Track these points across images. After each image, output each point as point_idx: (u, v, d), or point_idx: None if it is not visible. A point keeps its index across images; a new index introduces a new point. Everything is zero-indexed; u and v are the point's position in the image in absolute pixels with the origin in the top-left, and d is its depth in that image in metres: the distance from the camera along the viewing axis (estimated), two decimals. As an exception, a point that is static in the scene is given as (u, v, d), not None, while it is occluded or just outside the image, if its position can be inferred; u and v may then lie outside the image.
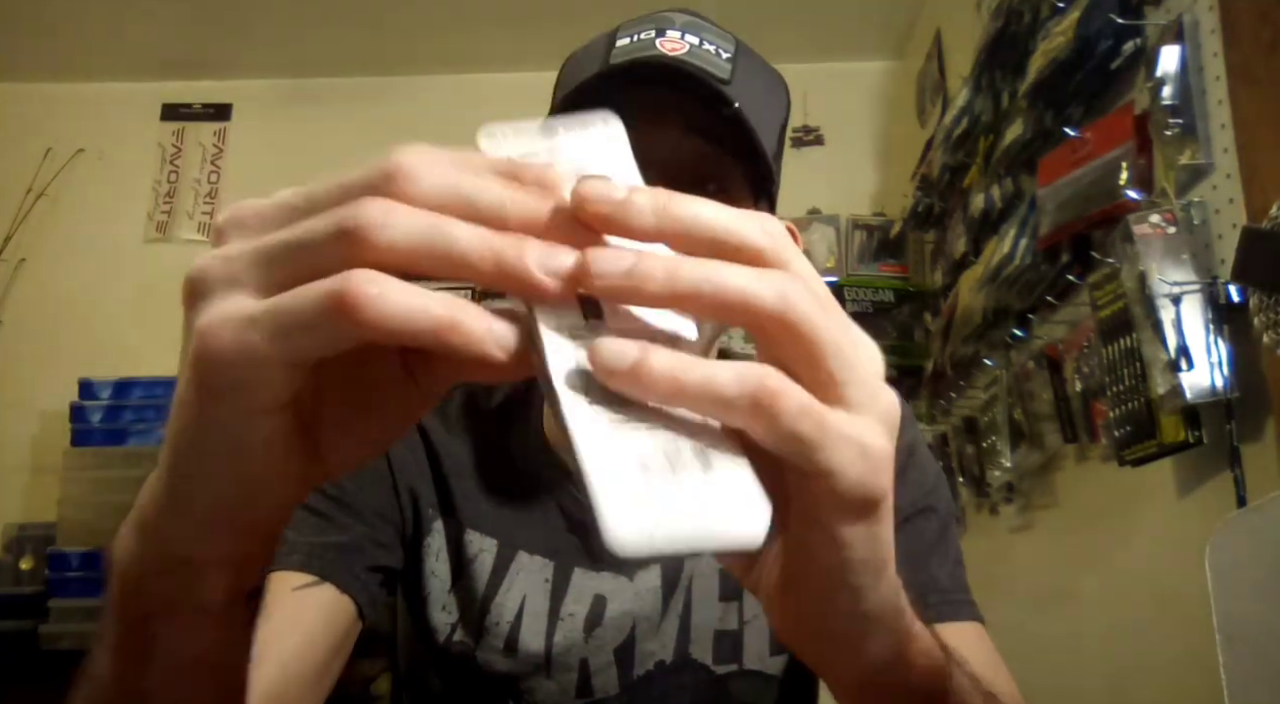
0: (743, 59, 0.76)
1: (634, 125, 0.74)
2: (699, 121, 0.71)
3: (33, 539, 2.76)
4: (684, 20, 0.77)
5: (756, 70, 0.78)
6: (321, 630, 0.73)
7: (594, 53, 0.77)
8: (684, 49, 0.74)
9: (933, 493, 0.80)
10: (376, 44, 3.22)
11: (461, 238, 0.29)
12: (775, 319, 0.31)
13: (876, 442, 0.33)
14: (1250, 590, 1.03)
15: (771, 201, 0.80)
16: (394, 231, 0.29)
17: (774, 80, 0.81)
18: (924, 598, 0.74)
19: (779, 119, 0.80)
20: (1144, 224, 1.37)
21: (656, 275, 0.31)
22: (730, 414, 0.30)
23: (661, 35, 0.75)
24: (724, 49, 0.75)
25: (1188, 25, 1.39)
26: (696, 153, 0.73)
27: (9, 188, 3.12)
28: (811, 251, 3.05)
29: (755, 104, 0.75)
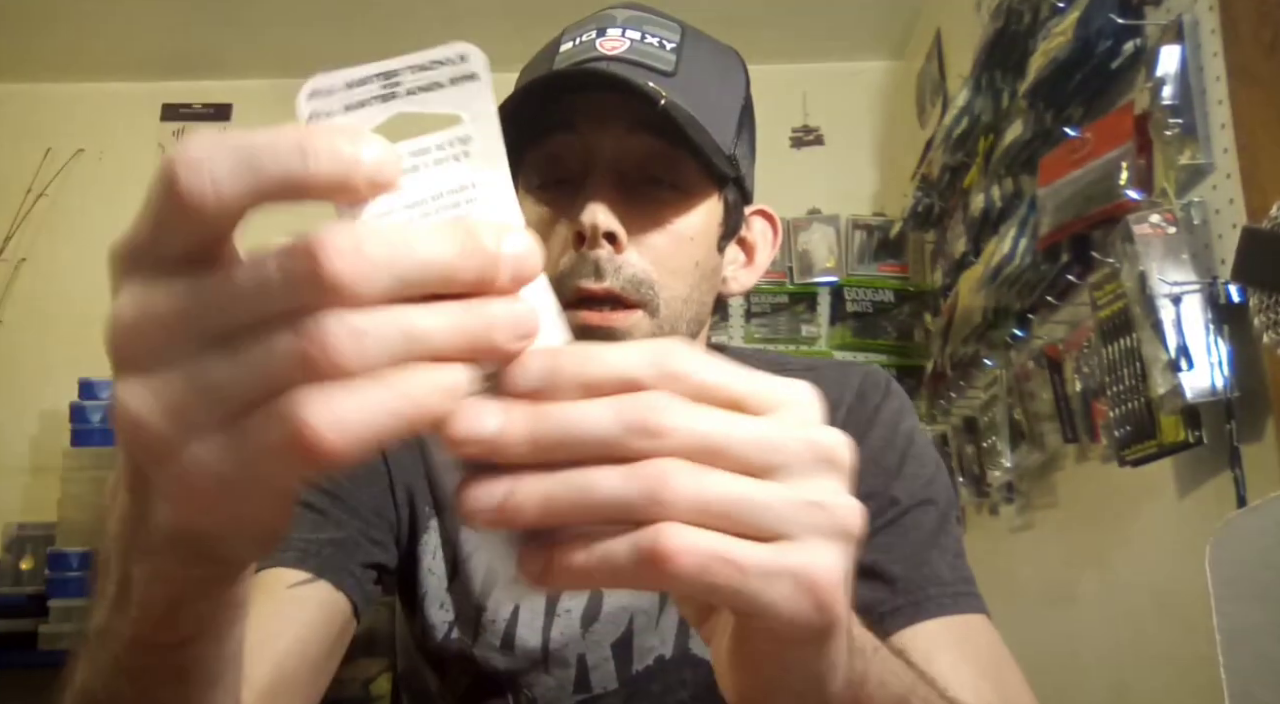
0: (689, 46, 0.75)
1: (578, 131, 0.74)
2: (641, 119, 0.71)
3: (33, 539, 2.76)
4: (626, 16, 0.76)
5: (705, 54, 0.77)
6: (316, 629, 0.73)
7: (541, 60, 0.77)
8: (624, 46, 0.73)
9: (931, 484, 0.80)
10: (376, 44, 3.19)
11: (432, 332, 0.28)
12: (658, 515, 0.30)
13: (820, 567, 0.31)
14: (1250, 590, 1.03)
15: (741, 186, 0.79)
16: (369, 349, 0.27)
17: (727, 61, 0.80)
18: (925, 591, 0.74)
19: (736, 100, 0.78)
20: (1144, 224, 1.37)
21: (528, 508, 0.30)
22: (633, 583, 0.30)
23: (602, 35, 0.74)
24: (667, 40, 0.75)
25: (1188, 25, 1.39)
26: (643, 150, 0.72)
27: (9, 188, 3.12)
28: (811, 252, 3.05)
29: (704, 89, 0.74)
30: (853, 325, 2.93)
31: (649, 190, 0.74)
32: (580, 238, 0.71)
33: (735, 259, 0.83)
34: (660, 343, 0.31)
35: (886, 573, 0.75)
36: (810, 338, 2.97)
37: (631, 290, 0.72)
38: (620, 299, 0.72)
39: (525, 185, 0.77)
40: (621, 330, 0.72)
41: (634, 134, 0.72)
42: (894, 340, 2.90)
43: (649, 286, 0.72)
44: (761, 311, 3.00)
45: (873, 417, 0.82)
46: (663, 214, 0.73)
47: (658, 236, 0.73)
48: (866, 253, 3.04)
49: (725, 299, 0.83)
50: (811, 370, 0.86)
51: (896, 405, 0.83)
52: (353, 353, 0.27)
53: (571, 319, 0.72)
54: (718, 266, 0.79)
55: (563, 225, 0.73)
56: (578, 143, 0.73)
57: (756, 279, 0.84)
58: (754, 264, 0.84)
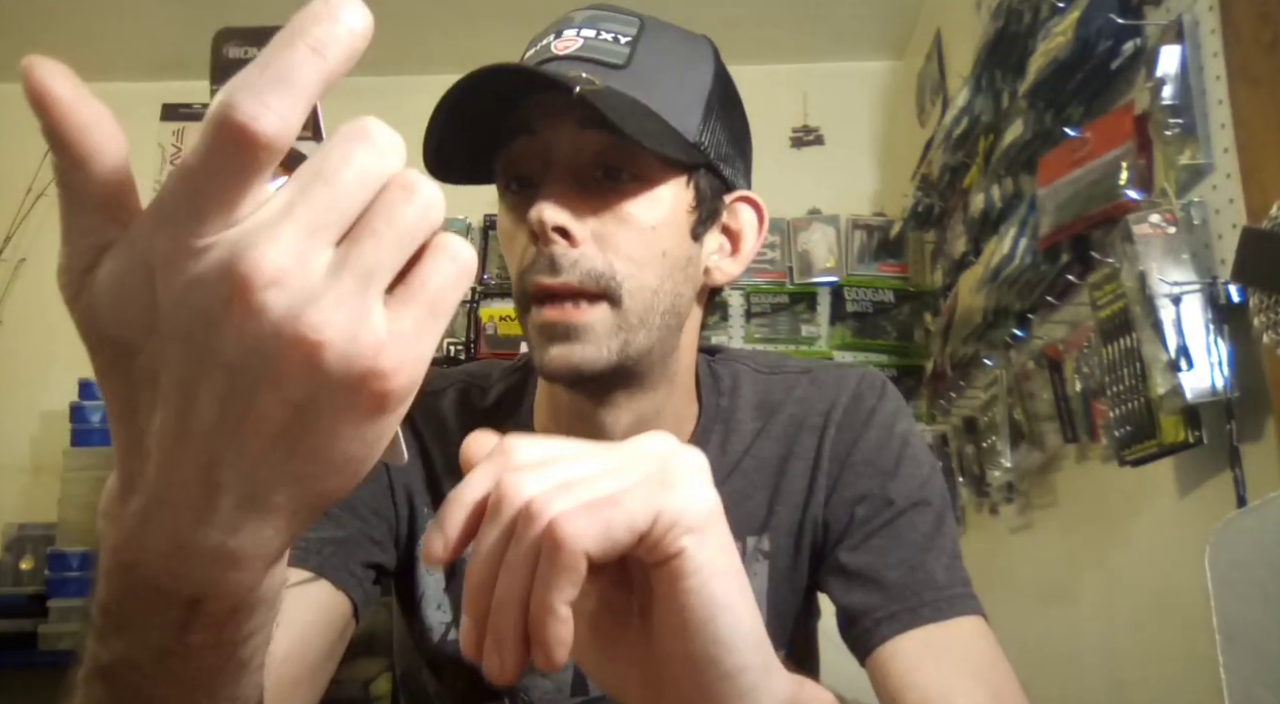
0: (648, 37, 0.75)
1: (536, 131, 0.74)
2: (588, 114, 0.70)
3: (33, 539, 2.76)
4: (584, 15, 0.77)
5: (666, 45, 0.76)
6: (316, 628, 0.72)
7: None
8: (576, 45, 0.74)
9: (926, 485, 0.80)
10: (376, 44, 3.16)
11: None
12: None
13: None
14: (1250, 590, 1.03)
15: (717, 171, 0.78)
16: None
17: (692, 50, 0.79)
18: (919, 597, 0.74)
19: (702, 86, 0.77)
20: (1144, 224, 1.37)
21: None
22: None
23: (559, 37, 0.75)
24: (623, 34, 0.75)
25: (1188, 25, 1.39)
26: (597, 145, 0.72)
27: (9, 188, 3.12)
28: (811, 252, 3.05)
29: (659, 79, 0.74)
30: (853, 325, 2.93)
31: (606, 183, 0.73)
32: (534, 235, 0.71)
33: (719, 248, 0.81)
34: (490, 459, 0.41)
35: (881, 579, 0.75)
36: (810, 338, 2.97)
37: (590, 283, 0.71)
38: (580, 292, 0.71)
39: (499, 190, 0.78)
40: (581, 326, 0.71)
41: (585, 129, 0.72)
42: (894, 340, 2.90)
43: (609, 278, 0.72)
44: (761, 312, 3.00)
45: (868, 418, 0.82)
46: (619, 205, 0.73)
47: (615, 227, 0.73)
48: (866, 253, 3.04)
49: (710, 289, 0.82)
50: (807, 372, 0.86)
51: (892, 407, 0.83)
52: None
53: (533, 317, 0.73)
54: (694, 256, 0.78)
55: (523, 225, 0.73)
56: (538, 143, 0.74)
57: (743, 268, 0.83)
58: (739, 253, 0.82)
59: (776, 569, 0.81)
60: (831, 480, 0.81)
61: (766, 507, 0.81)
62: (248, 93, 0.30)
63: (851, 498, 0.79)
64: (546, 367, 0.72)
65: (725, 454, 0.82)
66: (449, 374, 0.88)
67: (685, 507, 0.39)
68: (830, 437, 0.81)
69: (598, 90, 0.69)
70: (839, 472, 0.81)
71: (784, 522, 0.81)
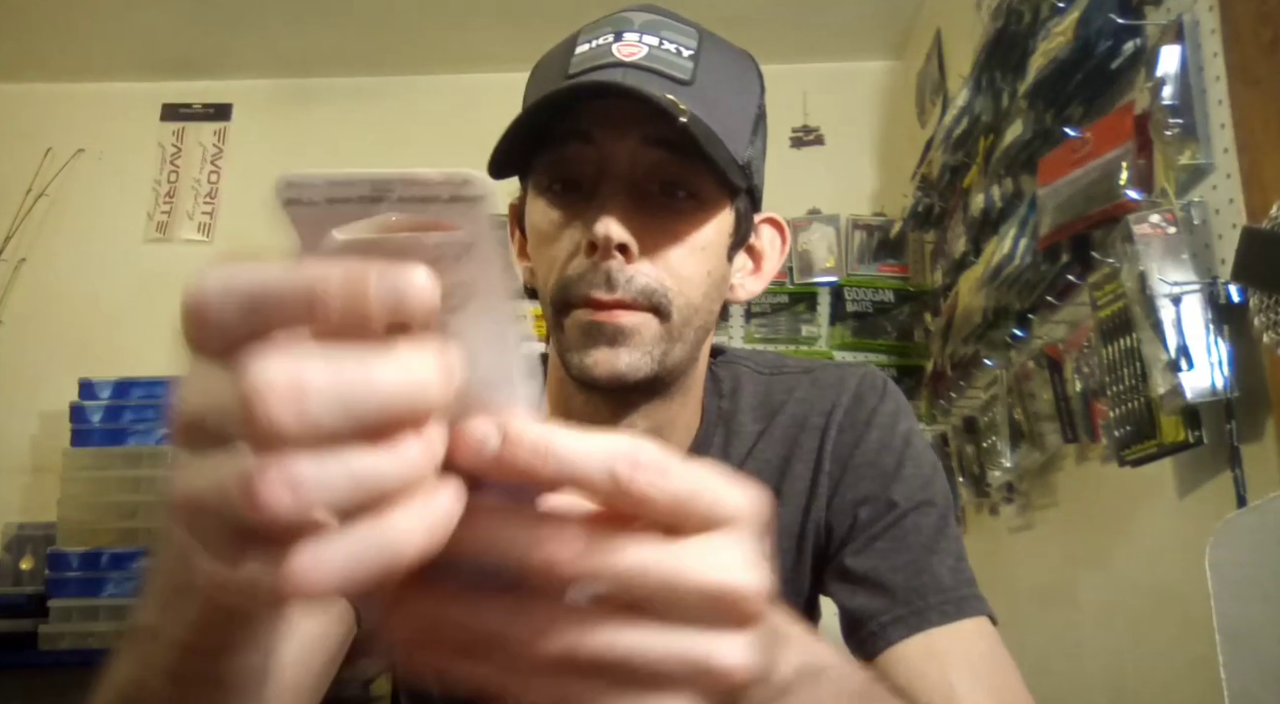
0: (706, 52, 0.74)
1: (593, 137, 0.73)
2: (657, 131, 0.70)
3: (33, 539, 2.76)
4: (643, 20, 0.75)
5: (722, 61, 0.76)
6: (316, 638, 0.72)
7: (555, 61, 0.76)
8: (641, 53, 0.72)
9: (929, 485, 0.79)
10: (376, 44, 3.21)
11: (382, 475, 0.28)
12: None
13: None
14: (1250, 590, 1.03)
15: (753, 194, 0.79)
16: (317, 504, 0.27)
17: (743, 66, 0.79)
18: (925, 600, 0.73)
19: (751, 106, 0.77)
20: (1144, 224, 1.37)
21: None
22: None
23: (619, 39, 0.73)
24: (685, 46, 0.74)
25: (1188, 25, 1.39)
26: (659, 161, 0.72)
27: (9, 188, 3.12)
28: (811, 252, 3.05)
29: (720, 98, 0.73)
30: (853, 325, 2.93)
31: (663, 200, 0.73)
32: (592, 247, 0.70)
33: (743, 267, 0.82)
34: (620, 445, 0.31)
35: (886, 582, 0.75)
36: (810, 338, 2.97)
37: (643, 300, 0.71)
38: (631, 307, 0.71)
39: (535, 186, 0.76)
40: (630, 329, 0.71)
41: (650, 146, 0.71)
42: (894, 340, 2.90)
43: (661, 294, 0.72)
44: (761, 312, 3.00)
45: (870, 418, 0.82)
46: (676, 225, 0.73)
47: (671, 247, 0.73)
48: (866, 253, 3.04)
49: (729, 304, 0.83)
50: (808, 372, 0.86)
51: (893, 407, 0.83)
52: (290, 504, 0.26)
53: (578, 316, 0.72)
54: (727, 274, 0.79)
55: (574, 231, 0.73)
56: (593, 152, 0.72)
57: (763, 287, 0.84)
58: (761, 272, 0.83)
59: (778, 572, 0.81)
60: (833, 482, 0.80)
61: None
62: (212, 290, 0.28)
63: (854, 500, 0.79)
64: (589, 369, 0.71)
65: (727, 458, 0.82)
66: None
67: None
68: (832, 438, 0.81)
69: (690, 116, 0.68)
70: (841, 473, 0.80)
71: (786, 524, 0.81)
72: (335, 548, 0.27)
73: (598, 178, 0.73)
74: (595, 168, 0.73)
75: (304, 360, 0.27)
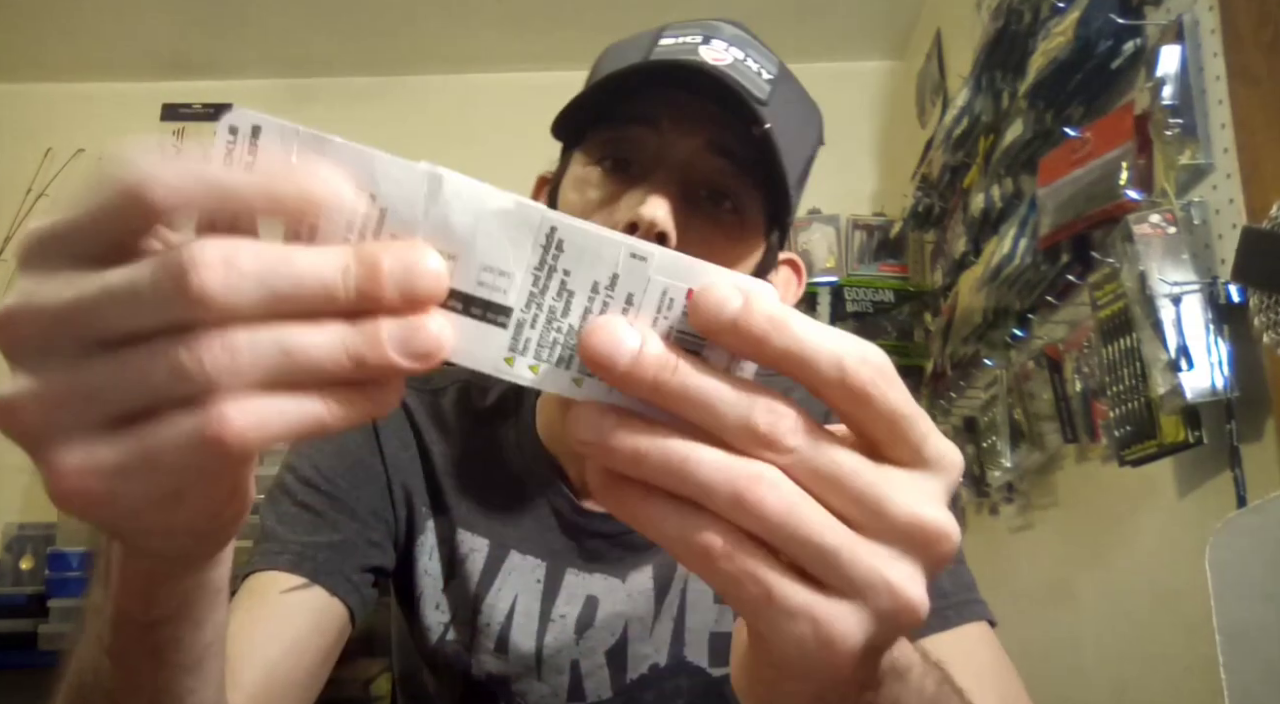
0: (783, 83, 0.74)
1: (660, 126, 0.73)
2: (726, 137, 0.70)
3: (33, 539, 2.76)
4: (732, 33, 0.75)
5: (795, 97, 0.76)
6: (309, 635, 0.72)
7: (636, 45, 0.76)
8: (728, 61, 0.72)
9: None
10: (376, 44, 3.21)
11: (312, 349, 0.28)
12: (739, 518, 0.31)
13: (846, 634, 0.31)
14: (1250, 590, 1.03)
15: (784, 232, 0.79)
16: (247, 371, 0.27)
17: (810, 110, 0.80)
18: None
19: (808, 151, 0.78)
20: (1144, 224, 1.37)
21: (618, 450, 0.31)
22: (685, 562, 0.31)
23: (707, 43, 0.73)
24: (767, 69, 0.74)
25: (1188, 25, 1.39)
26: (718, 168, 0.72)
27: (9, 188, 3.12)
28: (811, 252, 3.05)
29: (787, 131, 0.73)
30: (853, 325, 2.93)
31: (708, 208, 0.73)
32: (633, 226, 0.69)
33: None
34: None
35: None
36: (810, 338, 2.97)
37: None
38: None
39: (586, 157, 0.75)
40: None
41: (714, 152, 0.71)
42: (894, 340, 2.90)
43: None
44: (761, 311, 3.00)
45: None
46: (715, 235, 0.73)
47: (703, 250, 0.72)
48: (866, 253, 3.04)
49: None
50: None
51: None
52: (227, 370, 0.27)
53: None
54: None
55: (615, 208, 0.72)
56: (656, 140, 0.72)
57: None
58: None
59: None
60: None
61: None
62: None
63: None
64: None
65: None
66: (451, 372, 0.88)
67: None
68: None
69: (768, 133, 0.68)
70: None
71: None
72: (260, 403, 0.27)
73: (653, 165, 0.72)
74: (654, 155, 0.72)
75: (236, 243, 0.27)
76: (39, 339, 0.28)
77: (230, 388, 0.27)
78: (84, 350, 0.28)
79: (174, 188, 0.27)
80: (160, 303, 0.27)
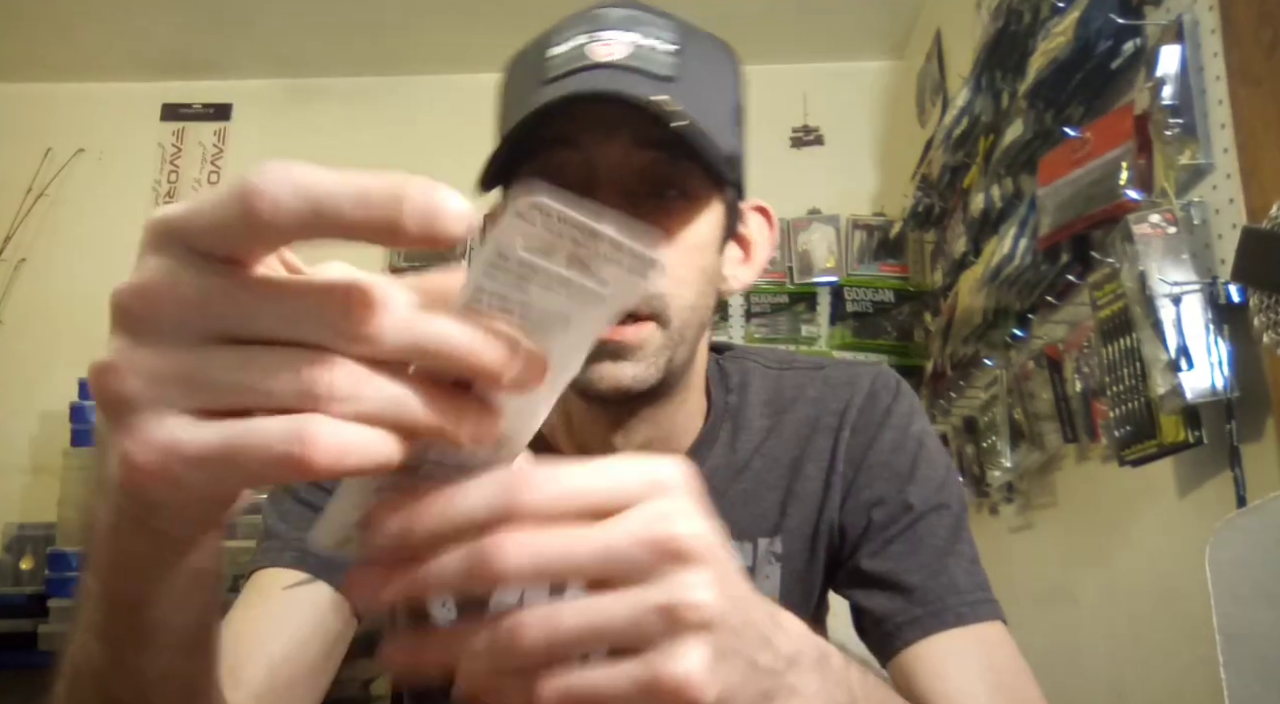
0: (687, 44, 0.72)
1: (581, 143, 0.72)
2: (646, 132, 0.68)
3: (33, 539, 2.76)
4: (619, 16, 0.72)
5: (703, 53, 0.74)
6: (313, 631, 0.72)
7: (529, 63, 0.74)
8: (620, 52, 0.69)
9: (944, 488, 0.79)
10: (376, 44, 3.21)
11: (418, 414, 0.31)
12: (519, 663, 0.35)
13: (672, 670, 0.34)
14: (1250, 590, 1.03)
15: (739, 185, 0.77)
16: (360, 405, 0.30)
17: (722, 57, 0.77)
18: (942, 601, 0.73)
19: (733, 97, 0.76)
20: (1144, 224, 1.37)
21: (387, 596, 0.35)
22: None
23: (594, 39, 0.70)
24: (666, 40, 0.71)
25: (1188, 25, 1.39)
26: (648, 162, 0.70)
27: (9, 188, 3.12)
28: (811, 252, 3.05)
29: (705, 92, 0.71)
30: (853, 325, 2.93)
31: (654, 201, 0.72)
32: None
33: (734, 257, 0.81)
34: (503, 479, 0.34)
35: (903, 583, 0.74)
36: (810, 338, 2.97)
37: (645, 307, 0.70)
38: (633, 314, 0.70)
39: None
40: (633, 345, 0.70)
41: (640, 148, 0.70)
42: (894, 340, 2.90)
43: (660, 299, 0.71)
44: (761, 312, 3.00)
45: (884, 419, 0.81)
46: (669, 225, 0.72)
47: (666, 249, 0.71)
48: (866, 253, 3.04)
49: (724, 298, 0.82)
50: (819, 369, 0.85)
51: (907, 407, 0.82)
52: (347, 394, 0.29)
53: None
54: (719, 268, 0.78)
55: None
56: (581, 158, 0.70)
57: (756, 276, 0.82)
58: (752, 261, 0.82)
59: (790, 572, 0.80)
60: (847, 483, 0.80)
61: (779, 508, 0.80)
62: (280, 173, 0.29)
63: (868, 501, 0.79)
64: (594, 384, 0.70)
65: (734, 452, 0.81)
66: None
67: None
68: (845, 439, 0.80)
69: (685, 119, 0.66)
70: (854, 474, 0.80)
71: (798, 524, 0.80)
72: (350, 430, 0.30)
73: (588, 184, 0.70)
74: (584, 173, 0.71)
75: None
76: (173, 317, 0.30)
77: (333, 411, 0.29)
78: (207, 339, 0.30)
79: (278, 199, 0.28)
80: (321, 329, 0.29)
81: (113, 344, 0.30)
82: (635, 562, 0.34)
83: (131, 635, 0.39)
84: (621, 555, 0.34)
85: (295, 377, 0.29)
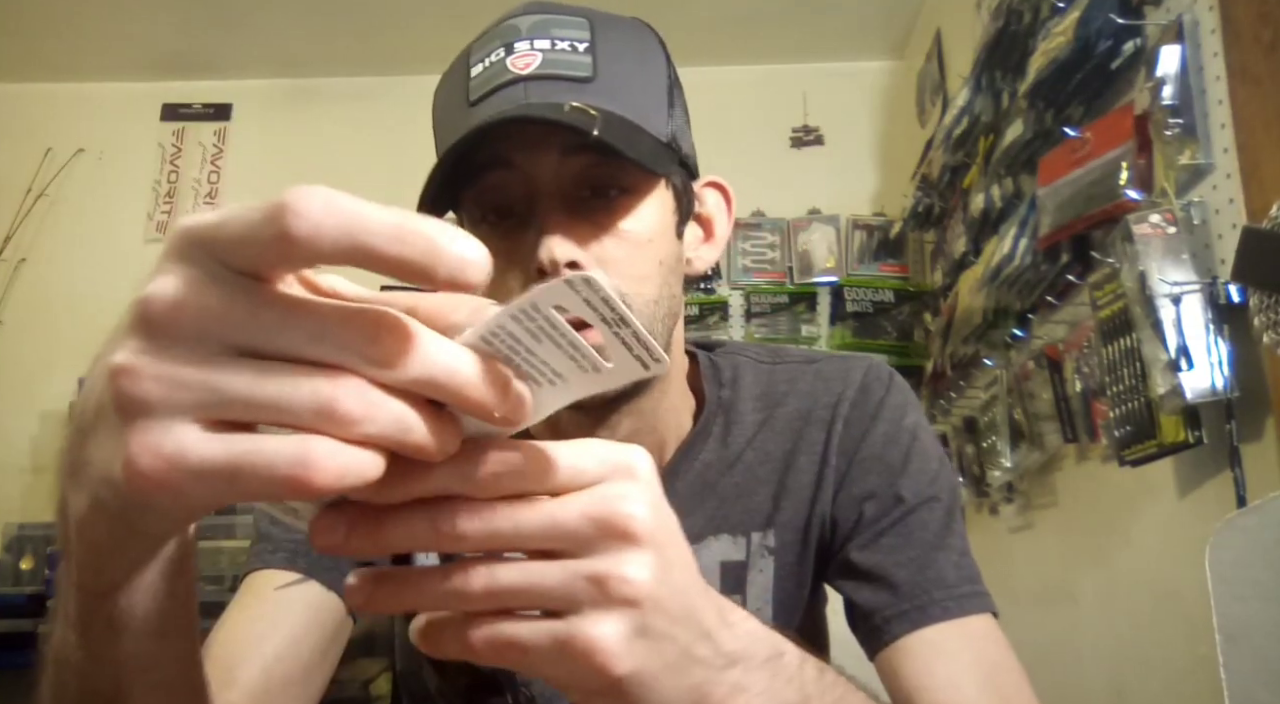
0: (602, 38, 0.72)
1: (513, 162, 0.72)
2: (574, 140, 0.68)
3: (33, 539, 2.76)
4: (530, 24, 0.73)
5: (621, 40, 0.74)
6: (306, 630, 0.72)
7: (455, 85, 0.74)
8: (536, 61, 0.70)
9: (936, 480, 0.79)
10: (376, 44, 3.21)
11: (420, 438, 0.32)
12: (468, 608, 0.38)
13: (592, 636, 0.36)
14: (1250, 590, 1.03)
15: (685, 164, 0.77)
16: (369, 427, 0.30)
17: (641, 39, 0.77)
18: (929, 595, 0.73)
19: (660, 77, 0.75)
20: (1144, 224, 1.37)
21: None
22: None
23: (510, 52, 0.71)
24: (578, 39, 0.72)
25: (1188, 25, 1.39)
26: (583, 166, 0.70)
27: (9, 188, 3.12)
28: (811, 252, 3.05)
29: (629, 83, 0.72)
30: (853, 325, 2.93)
31: (597, 203, 0.72)
32: (541, 271, 0.68)
33: (695, 237, 0.81)
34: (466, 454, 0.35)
35: (891, 577, 0.74)
36: (810, 338, 2.98)
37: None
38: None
39: (469, 220, 0.74)
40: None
41: (571, 155, 0.70)
42: (894, 340, 2.90)
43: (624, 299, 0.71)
44: (761, 312, 3.00)
45: (876, 412, 0.81)
46: (614, 224, 0.72)
47: (615, 248, 0.71)
48: (866, 253, 3.04)
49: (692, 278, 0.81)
50: (811, 363, 0.85)
51: (900, 399, 0.82)
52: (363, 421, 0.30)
53: None
54: (680, 253, 0.77)
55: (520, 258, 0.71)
56: (516, 176, 0.71)
57: (720, 252, 0.83)
58: (714, 238, 0.82)
59: (782, 565, 0.80)
60: (839, 476, 0.80)
61: (772, 502, 0.81)
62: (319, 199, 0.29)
63: (860, 495, 0.79)
64: None
65: (726, 447, 0.82)
66: None
67: None
68: (838, 432, 0.80)
69: (601, 121, 0.67)
70: (847, 467, 0.80)
71: (790, 518, 0.80)
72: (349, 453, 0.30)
73: (529, 200, 0.71)
74: (523, 190, 0.71)
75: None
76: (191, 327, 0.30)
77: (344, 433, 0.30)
78: (226, 351, 0.30)
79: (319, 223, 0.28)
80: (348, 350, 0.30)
81: (128, 345, 0.30)
82: (579, 535, 0.36)
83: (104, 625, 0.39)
84: (567, 528, 0.36)
85: (314, 396, 0.29)
